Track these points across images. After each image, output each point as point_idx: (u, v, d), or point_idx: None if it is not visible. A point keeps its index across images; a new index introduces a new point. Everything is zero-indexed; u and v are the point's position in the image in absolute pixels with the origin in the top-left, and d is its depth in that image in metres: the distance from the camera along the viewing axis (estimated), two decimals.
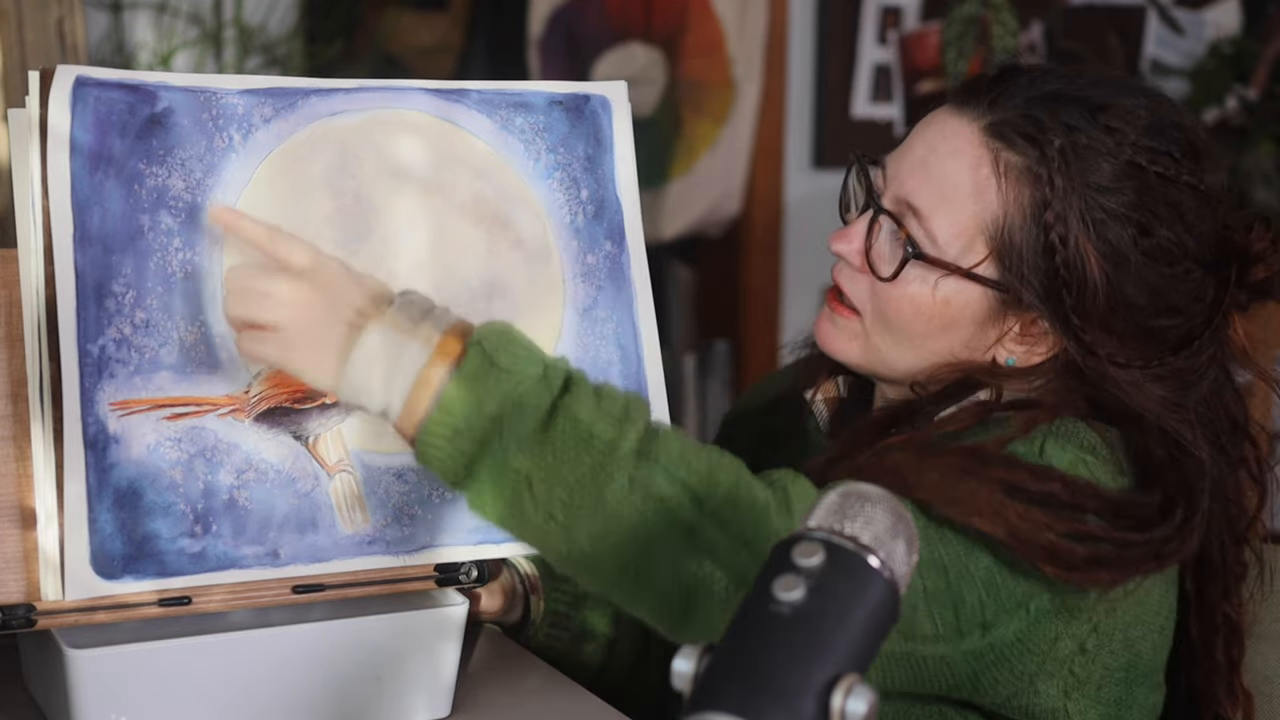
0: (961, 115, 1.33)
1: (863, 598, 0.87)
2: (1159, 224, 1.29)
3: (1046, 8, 3.34)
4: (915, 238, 1.32)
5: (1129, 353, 1.30)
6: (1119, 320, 1.29)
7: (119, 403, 1.21)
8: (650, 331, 1.38)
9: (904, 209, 1.33)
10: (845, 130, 3.32)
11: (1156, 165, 1.29)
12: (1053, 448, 1.26)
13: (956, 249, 1.31)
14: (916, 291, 1.32)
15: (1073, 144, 1.28)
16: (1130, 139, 1.29)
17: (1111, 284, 1.28)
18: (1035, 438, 1.26)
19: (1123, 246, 1.28)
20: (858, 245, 1.36)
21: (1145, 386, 1.30)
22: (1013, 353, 1.34)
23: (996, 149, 1.30)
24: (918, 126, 1.37)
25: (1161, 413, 1.30)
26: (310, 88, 1.31)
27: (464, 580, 1.32)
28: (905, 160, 1.35)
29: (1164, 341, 1.31)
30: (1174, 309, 1.31)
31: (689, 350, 3.35)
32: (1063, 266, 1.28)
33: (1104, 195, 1.28)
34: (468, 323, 1.15)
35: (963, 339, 1.34)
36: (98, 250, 1.22)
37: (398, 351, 1.12)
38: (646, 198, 2.92)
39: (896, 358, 1.36)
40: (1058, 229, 1.27)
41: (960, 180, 1.31)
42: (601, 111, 1.39)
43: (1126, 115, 1.30)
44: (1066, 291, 1.28)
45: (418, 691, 1.29)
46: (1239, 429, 1.36)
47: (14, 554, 1.19)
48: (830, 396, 1.47)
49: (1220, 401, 1.35)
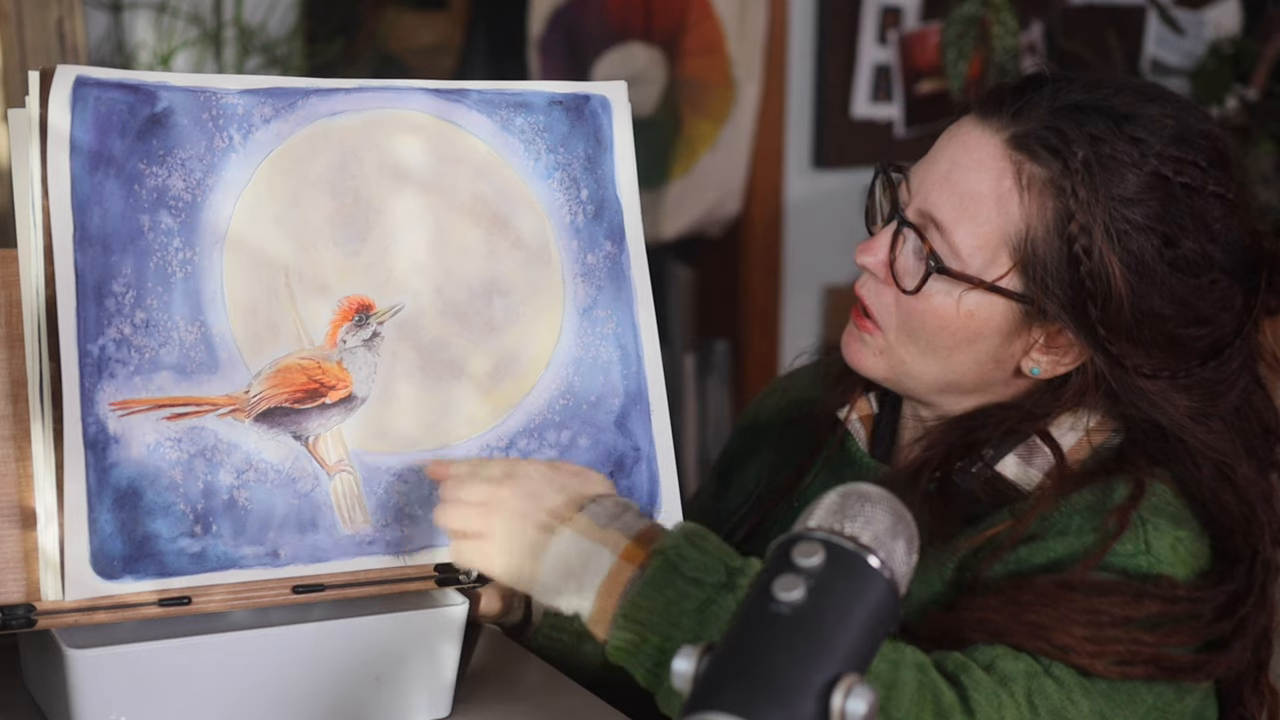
0: (985, 127, 1.32)
1: (863, 598, 0.87)
2: (1184, 235, 1.28)
3: (1046, 8, 3.34)
4: (938, 251, 1.31)
5: (1156, 363, 1.30)
6: (1145, 331, 1.29)
7: (119, 403, 1.21)
8: (650, 331, 1.38)
9: (927, 222, 1.33)
10: (845, 130, 3.31)
11: (1182, 176, 1.28)
12: (1155, 537, 1.27)
13: (980, 262, 1.30)
14: (940, 304, 1.32)
15: (1097, 155, 1.27)
16: (1155, 149, 1.28)
17: (1136, 295, 1.27)
18: (1136, 530, 1.27)
19: (1147, 258, 1.27)
20: (882, 257, 1.35)
21: (1172, 397, 1.30)
22: (1038, 363, 1.33)
23: (1020, 161, 1.29)
24: (942, 138, 1.36)
25: (1189, 423, 1.30)
26: (310, 88, 1.31)
27: (464, 580, 1.32)
28: (929, 173, 1.34)
29: (1192, 351, 1.31)
30: (1202, 319, 1.30)
31: (689, 350, 3.35)
32: (1088, 278, 1.27)
33: (1128, 207, 1.27)
34: (656, 527, 1.19)
35: (988, 351, 1.33)
36: (98, 250, 1.22)
37: (586, 556, 1.17)
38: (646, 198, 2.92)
39: (922, 370, 1.36)
40: (1082, 241, 1.27)
41: (983, 193, 1.30)
42: (601, 111, 1.39)
43: (1152, 125, 1.29)
44: (1091, 303, 1.27)
45: (418, 691, 1.29)
46: (1270, 433, 1.36)
47: (14, 554, 1.19)
48: (865, 415, 1.46)
49: (1251, 407, 1.35)
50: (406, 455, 1.29)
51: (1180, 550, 1.27)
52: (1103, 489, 1.29)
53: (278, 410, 1.26)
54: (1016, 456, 1.34)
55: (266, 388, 1.26)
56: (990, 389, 1.37)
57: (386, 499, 1.28)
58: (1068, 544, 1.27)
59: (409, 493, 1.29)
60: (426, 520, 1.29)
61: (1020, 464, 1.34)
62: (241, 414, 1.25)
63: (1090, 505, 1.28)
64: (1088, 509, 1.28)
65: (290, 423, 1.26)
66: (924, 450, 1.37)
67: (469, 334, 1.33)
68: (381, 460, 1.29)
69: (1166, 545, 1.27)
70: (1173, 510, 1.29)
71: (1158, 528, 1.27)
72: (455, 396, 1.32)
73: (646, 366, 1.37)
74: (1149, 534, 1.27)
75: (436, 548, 1.30)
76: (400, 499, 1.29)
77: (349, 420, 1.28)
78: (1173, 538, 1.27)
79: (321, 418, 1.28)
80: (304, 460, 1.26)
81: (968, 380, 1.36)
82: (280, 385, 1.26)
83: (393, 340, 1.30)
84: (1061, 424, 1.35)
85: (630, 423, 1.36)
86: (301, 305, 1.28)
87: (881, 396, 1.47)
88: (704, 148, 3.22)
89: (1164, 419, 1.30)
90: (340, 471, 1.28)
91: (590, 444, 1.34)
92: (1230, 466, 1.30)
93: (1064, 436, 1.34)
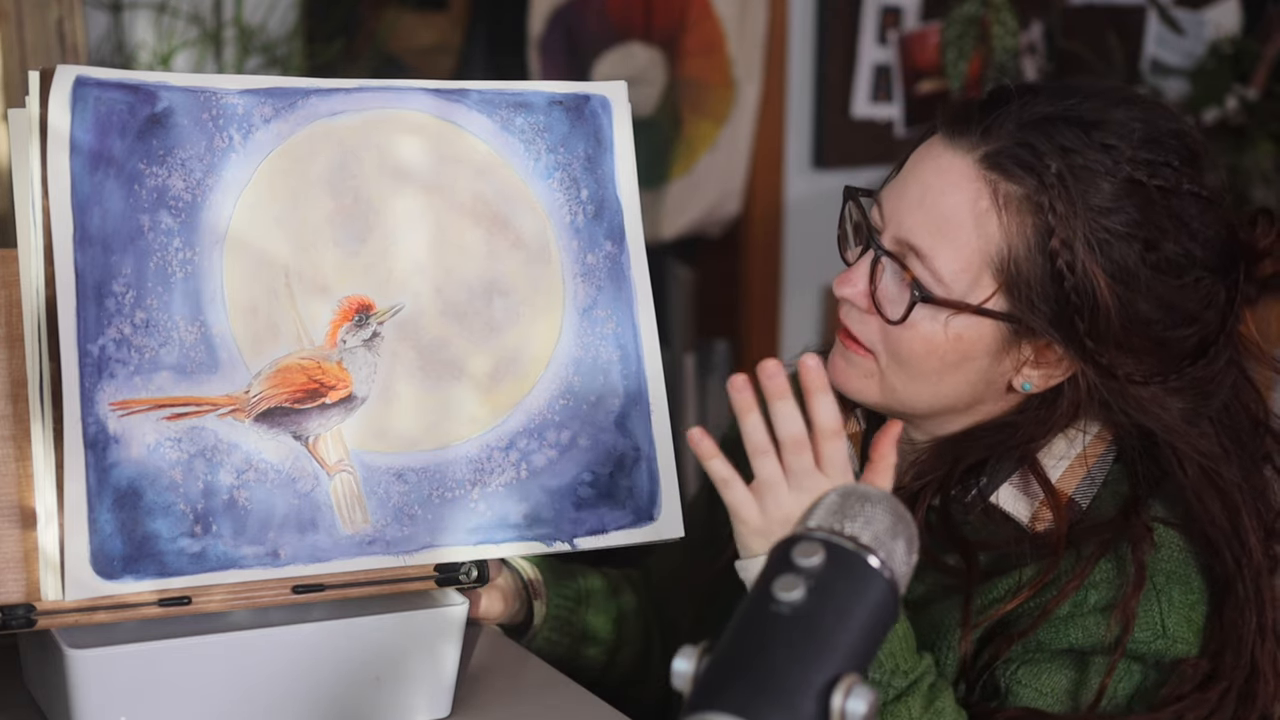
0: (955, 148, 1.31)
1: (863, 597, 0.87)
2: (1164, 238, 1.28)
3: (1046, 8, 3.34)
4: (921, 279, 1.30)
5: (1146, 369, 1.30)
6: (1134, 338, 1.28)
7: (119, 403, 1.21)
8: (650, 331, 1.38)
9: (905, 249, 1.31)
10: (845, 130, 3.31)
11: (1157, 178, 1.27)
12: (1169, 616, 1.29)
13: (963, 285, 1.29)
14: (928, 331, 1.31)
15: (1070, 167, 1.27)
16: (1127, 154, 1.27)
17: (1123, 304, 1.27)
18: (1151, 609, 1.29)
19: (1130, 264, 1.27)
20: (862, 288, 1.34)
21: (1165, 400, 1.30)
22: (1030, 378, 1.33)
23: (994, 180, 1.28)
24: (910, 161, 1.35)
25: (1181, 427, 1.30)
26: (310, 88, 1.31)
27: (464, 580, 1.32)
28: (902, 198, 1.33)
29: (1181, 352, 1.31)
30: (1188, 318, 1.30)
31: (689, 350, 3.34)
32: (1073, 292, 1.26)
33: (1107, 216, 1.26)
34: None
35: (979, 371, 1.33)
36: (98, 250, 1.22)
37: None
38: (646, 198, 2.91)
39: (913, 395, 1.35)
40: (1064, 255, 1.26)
41: (960, 216, 1.29)
42: (601, 111, 1.39)
43: (1121, 130, 1.28)
44: (1079, 317, 1.27)
45: (418, 691, 1.29)
46: (1260, 425, 1.36)
47: (14, 554, 1.19)
48: (854, 434, 1.45)
49: (1239, 402, 1.35)
50: (406, 455, 1.29)
51: (1194, 621, 1.29)
52: (1117, 561, 1.30)
53: (278, 410, 1.26)
54: (1012, 487, 1.34)
55: (266, 388, 1.26)
56: (981, 408, 1.36)
57: (386, 499, 1.28)
58: (1085, 631, 1.28)
59: (409, 493, 1.29)
60: (426, 520, 1.29)
61: (1016, 494, 1.34)
62: (241, 414, 1.25)
63: (1107, 578, 1.29)
64: (1104, 582, 1.29)
65: (290, 423, 1.26)
66: (914, 480, 1.36)
67: (469, 334, 1.33)
68: (381, 460, 1.29)
69: (1181, 622, 1.29)
70: (1181, 571, 1.30)
71: (1171, 602, 1.29)
72: (455, 396, 1.32)
73: (646, 366, 1.37)
74: (1164, 613, 1.28)
75: (436, 548, 1.30)
76: (400, 499, 1.29)
77: (349, 420, 1.28)
78: (1186, 610, 1.29)
79: (321, 418, 1.28)
80: (304, 460, 1.26)
81: (960, 401, 1.35)
82: (280, 385, 1.26)
83: (393, 340, 1.30)
84: (1053, 451, 1.35)
85: (630, 423, 1.36)
86: (301, 305, 1.28)
87: (867, 413, 1.46)
88: (704, 148, 3.21)
89: (1156, 425, 1.30)
90: (340, 471, 1.28)
91: (590, 444, 1.34)
92: (1216, 471, 1.30)
93: (1055, 466, 1.34)
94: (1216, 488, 1.30)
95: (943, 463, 1.35)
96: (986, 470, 1.35)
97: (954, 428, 1.38)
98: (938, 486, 1.35)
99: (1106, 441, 1.36)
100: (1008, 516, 1.33)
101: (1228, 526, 1.30)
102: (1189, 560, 1.31)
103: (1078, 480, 1.34)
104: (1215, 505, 1.30)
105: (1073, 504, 1.33)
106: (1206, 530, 1.31)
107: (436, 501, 1.30)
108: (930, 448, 1.38)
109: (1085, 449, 1.35)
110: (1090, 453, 1.35)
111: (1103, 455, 1.35)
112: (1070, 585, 1.28)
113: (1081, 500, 1.33)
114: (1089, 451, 1.35)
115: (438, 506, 1.30)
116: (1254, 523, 1.32)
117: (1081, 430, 1.35)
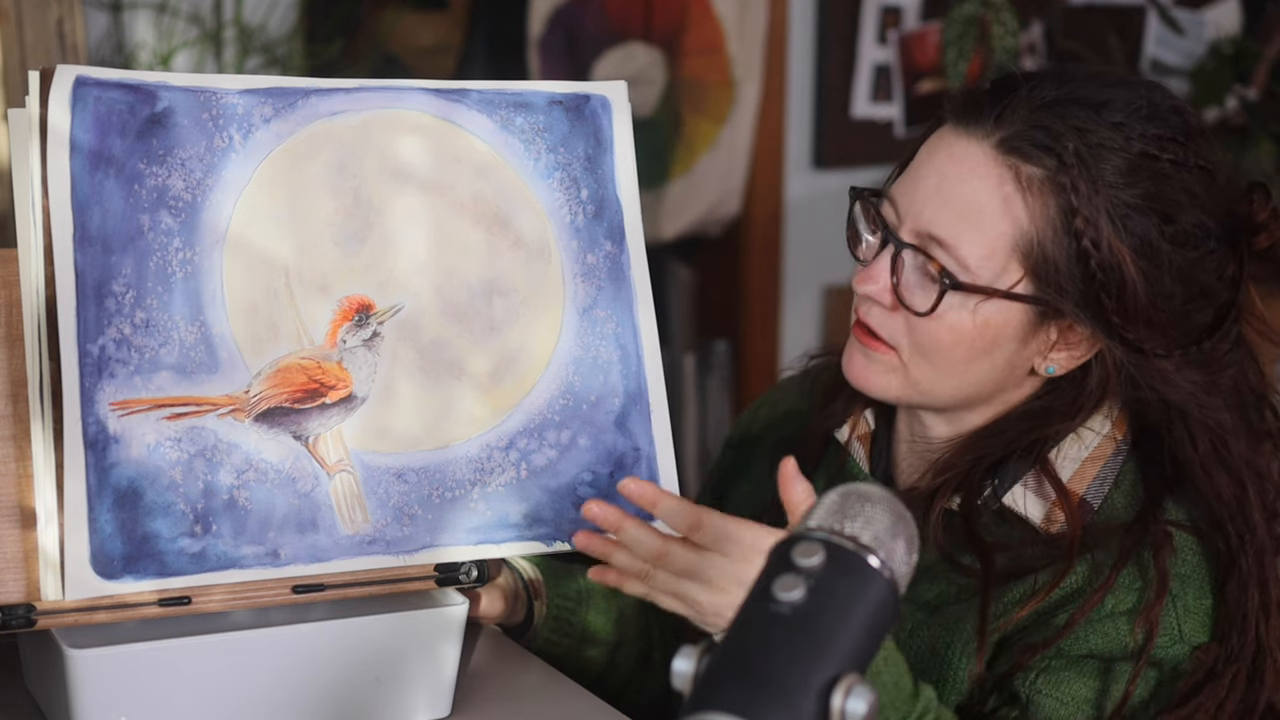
0: (969, 136, 1.31)
1: (863, 597, 0.87)
2: (1179, 210, 1.29)
3: (1046, 8, 3.34)
4: (948, 268, 1.30)
5: (1170, 342, 1.31)
6: (1158, 312, 1.29)
7: (119, 403, 1.21)
8: (650, 331, 1.38)
9: (927, 240, 1.31)
10: (845, 130, 3.31)
11: (1167, 153, 1.29)
12: (1186, 621, 1.29)
13: (990, 271, 1.30)
14: (956, 319, 1.31)
15: (1086, 145, 1.28)
16: (1137, 130, 1.29)
17: (1148, 278, 1.28)
18: (1170, 617, 1.29)
19: (1151, 238, 1.28)
20: (884, 284, 1.34)
21: (1186, 372, 1.31)
22: (1054, 361, 1.34)
23: (1014, 164, 1.29)
24: (922, 153, 1.35)
25: (1201, 397, 1.31)
26: (310, 88, 1.31)
27: (464, 580, 1.32)
28: (918, 190, 1.33)
29: (1199, 325, 1.32)
30: (1205, 290, 1.31)
31: (689, 350, 3.34)
32: (1099, 270, 1.27)
33: (1124, 191, 1.28)
34: None
35: (1005, 357, 1.33)
36: (97, 250, 1.22)
37: None
38: (646, 198, 2.91)
39: (938, 386, 1.35)
40: (1089, 234, 1.27)
41: (983, 202, 1.29)
42: (601, 111, 1.39)
43: (1127, 107, 1.30)
44: (1105, 295, 1.28)
45: (418, 691, 1.29)
46: (1263, 400, 1.37)
47: (14, 554, 1.19)
48: (863, 434, 1.45)
49: (1244, 377, 1.36)
50: (407, 455, 1.29)
51: (1206, 624, 1.30)
52: (1138, 566, 1.30)
53: (278, 410, 1.26)
54: (1025, 488, 1.34)
55: (266, 388, 1.26)
56: (1004, 395, 1.37)
57: (386, 499, 1.28)
58: (1105, 636, 1.29)
59: (409, 493, 1.29)
60: (426, 520, 1.29)
61: (1028, 495, 1.34)
62: (241, 414, 1.25)
63: (1125, 583, 1.30)
64: (1122, 587, 1.29)
65: (290, 423, 1.26)
66: (933, 479, 1.36)
67: (469, 334, 1.33)
68: (381, 460, 1.29)
69: (1197, 627, 1.30)
70: (1195, 575, 1.31)
71: (1187, 608, 1.30)
72: (455, 396, 1.32)
73: (646, 366, 1.37)
74: (1180, 618, 1.29)
75: (436, 548, 1.30)
76: (400, 499, 1.29)
77: (349, 420, 1.28)
78: (1201, 615, 1.30)
79: (321, 418, 1.28)
80: (304, 460, 1.26)
81: (984, 390, 1.36)
82: (280, 385, 1.26)
83: (393, 340, 1.30)
84: (1064, 452, 1.35)
85: (630, 423, 1.36)
86: (301, 305, 1.28)
87: (877, 413, 1.46)
88: (704, 148, 3.21)
89: (1179, 397, 1.31)
90: (340, 471, 1.28)
91: (590, 444, 1.34)
92: (1225, 445, 1.32)
93: (1066, 467, 1.35)
94: (1224, 463, 1.32)
95: (963, 461, 1.36)
96: (1000, 471, 1.35)
97: (977, 419, 1.38)
98: (956, 486, 1.35)
99: (1116, 441, 1.36)
100: (1020, 518, 1.33)
101: (1233, 502, 1.31)
102: (1202, 563, 1.32)
103: (1089, 481, 1.34)
104: (1222, 479, 1.31)
105: (1085, 505, 1.33)
106: (1212, 506, 1.31)
107: (436, 501, 1.30)
108: (952, 446, 1.38)
109: (1095, 449, 1.35)
110: (1100, 453, 1.35)
111: (1112, 455, 1.35)
112: (1095, 596, 1.29)
113: (1093, 500, 1.33)
114: (1099, 452, 1.35)
115: (438, 506, 1.30)
116: (1258, 500, 1.33)
117: (1092, 429, 1.35)
